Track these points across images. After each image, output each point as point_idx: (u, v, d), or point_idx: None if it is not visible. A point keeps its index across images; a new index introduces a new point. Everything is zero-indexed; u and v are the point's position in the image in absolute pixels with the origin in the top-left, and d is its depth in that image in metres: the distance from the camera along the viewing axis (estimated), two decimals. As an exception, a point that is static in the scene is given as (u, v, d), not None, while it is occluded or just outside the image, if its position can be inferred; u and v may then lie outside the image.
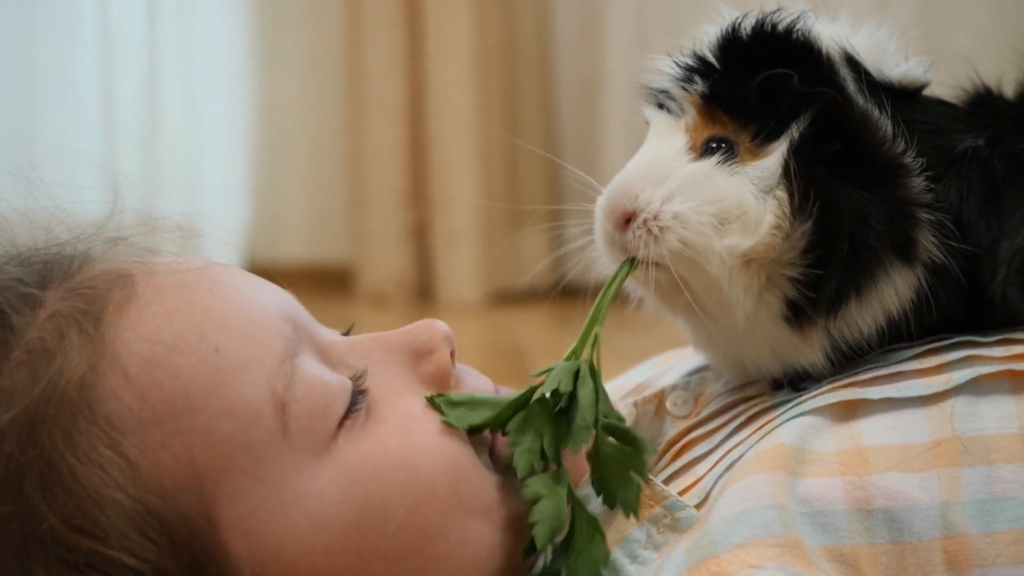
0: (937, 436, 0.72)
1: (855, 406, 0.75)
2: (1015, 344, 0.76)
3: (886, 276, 0.75)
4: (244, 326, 0.74)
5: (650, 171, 0.78)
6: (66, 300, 0.74)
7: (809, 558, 0.67)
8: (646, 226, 0.76)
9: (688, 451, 0.80)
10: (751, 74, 0.77)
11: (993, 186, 0.78)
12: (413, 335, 0.81)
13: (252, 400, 0.71)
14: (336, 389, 0.74)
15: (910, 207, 0.75)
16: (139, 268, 0.76)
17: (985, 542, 0.68)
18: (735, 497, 0.70)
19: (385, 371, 0.78)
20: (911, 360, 0.77)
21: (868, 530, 0.69)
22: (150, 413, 0.70)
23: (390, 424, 0.75)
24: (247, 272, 0.81)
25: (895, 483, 0.70)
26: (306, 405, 0.72)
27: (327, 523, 0.71)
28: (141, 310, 0.73)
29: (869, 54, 0.81)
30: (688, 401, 0.86)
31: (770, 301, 0.76)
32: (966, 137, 0.80)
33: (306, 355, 0.76)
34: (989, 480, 0.70)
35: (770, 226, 0.75)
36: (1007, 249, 0.77)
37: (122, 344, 0.71)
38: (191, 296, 0.74)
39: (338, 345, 0.80)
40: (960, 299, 0.78)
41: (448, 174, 3.55)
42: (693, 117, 0.80)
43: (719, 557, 0.67)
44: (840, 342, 0.77)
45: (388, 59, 3.58)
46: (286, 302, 0.79)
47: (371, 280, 3.64)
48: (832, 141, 0.76)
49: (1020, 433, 0.71)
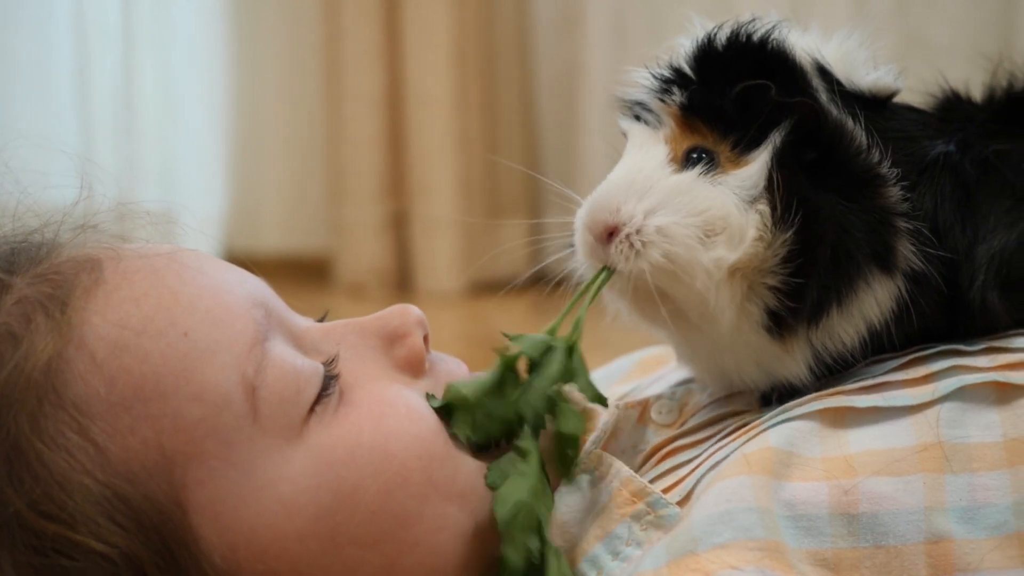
0: (923, 440, 0.72)
1: (842, 414, 0.75)
2: (1000, 353, 0.76)
3: (866, 286, 0.75)
4: (214, 310, 0.73)
5: (632, 183, 0.77)
6: (33, 286, 0.73)
7: (790, 563, 0.67)
8: (628, 240, 0.76)
9: (672, 457, 0.80)
10: (728, 84, 0.77)
11: (966, 191, 0.78)
12: (385, 320, 0.81)
13: (222, 384, 0.71)
14: (307, 374, 0.74)
15: (888, 216, 0.75)
16: (107, 254, 0.76)
17: (969, 547, 0.68)
18: (719, 496, 0.70)
19: (358, 356, 0.78)
20: (896, 371, 0.77)
21: (852, 534, 0.69)
22: (118, 398, 0.69)
23: (363, 409, 0.75)
24: (218, 258, 0.81)
25: (880, 487, 0.70)
26: (277, 389, 0.72)
27: (299, 508, 0.71)
28: (109, 295, 0.73)
29: (839, 64, 0.81)
30: (673, 410, 0.85)
31: (751, 311, 0.76)
32: (937, 143, 0.80)
33: (277, 340, 0.75)
34: (971, 487, 0.70)
35: (753, 238, 0.74)
36: (983, 254, 0.77)
37: (89, 328, 0.71)
38: (160, 281, 0.74)
39: (311, 331, 0.80)
40: (941, 306, 0.78)
41: (426, 164, 3.54)
42: (672, 128, 0.79)
43: (699, 555, 0.67)
44: (823, 353, 0.77)
45: (366, 49, 3.57)
46: (257, 287, 0.79)
47: (349, 270, 3.64)
48: (809, 150, 0.76)
49: (1003, 441, 0.71)
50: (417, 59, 3.53)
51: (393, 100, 3.60)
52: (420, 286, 3.55)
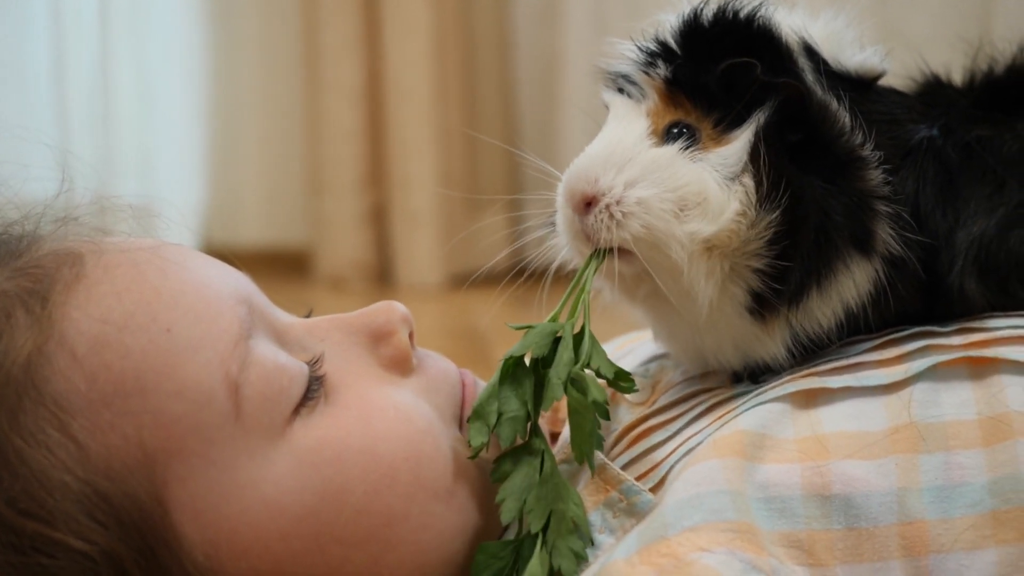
0: (895, 423, 0.72)
1: (815, 395, 0.75)
2: (973, 332, 0.76)
3: (845, 268, 0.75)
4: (197, 306, 0.73)
5: (612, 155, 0.77)
6: (12, 280, 0.72)
7: (762, 544, 0.67)
8: (608, 211, 0.76)
9: (645, 438, 0.80)
10: (713, 61, 0.77)
11: (948, 176, 0.79)
12: (371, 317, 0.80)
13: (204, 381, 0.70)
14: (292, 373, 0.73)
15: (868, 199, 0.75)
16: (88, 248, 0.75)
17: (942, 528, 0.68)
18: (689, 481, 0.70)
19: (343, 354, 0.78)
20: (870, 351, 0.77)
21: (825, 516, 0.69)
22: (99, 394, 0.69)
23: (350, 411, 0.74)
24: (201, 252, 0.80)
25: (853, 469, 0.70)
26: (260, 388, 0.72)
27: (283, 508, 0.71)
28: (90, 289, 0.72)
29: (826, 43, 0.81)
30: (645, 388, 0.86)
31: (734, 292, 0.76)
32: (921, 127, 0.80)
33: (261, 337, 0.75)
34: (946, 466, 0.70)
35: (735, 212, 0.74)
36: (963, 239, 0.77)
37: (70, 324, 0.70)
38: (142, 275, 0.73)
39: (295, 327, 0.79)
40: (918, 291, 0.78)
41: (406, 156, 3.53)
42: (655, 102, 0.79)
43: (670, 540, 0.67)
44: (800, 334, 0.77)
45: (345, 40, 3.55)
46: (241, 283, 0.78)
47: (329, 263, 3.62)
48: (792, 131, 0.76)
49: (978, 419, 0.71)
50: (396, 51, 3.52)
51: (372, 92, 3.59)
52: (400, 279, 3.54)
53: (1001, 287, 0.78)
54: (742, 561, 0.66)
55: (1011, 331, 0.76)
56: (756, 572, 0.66)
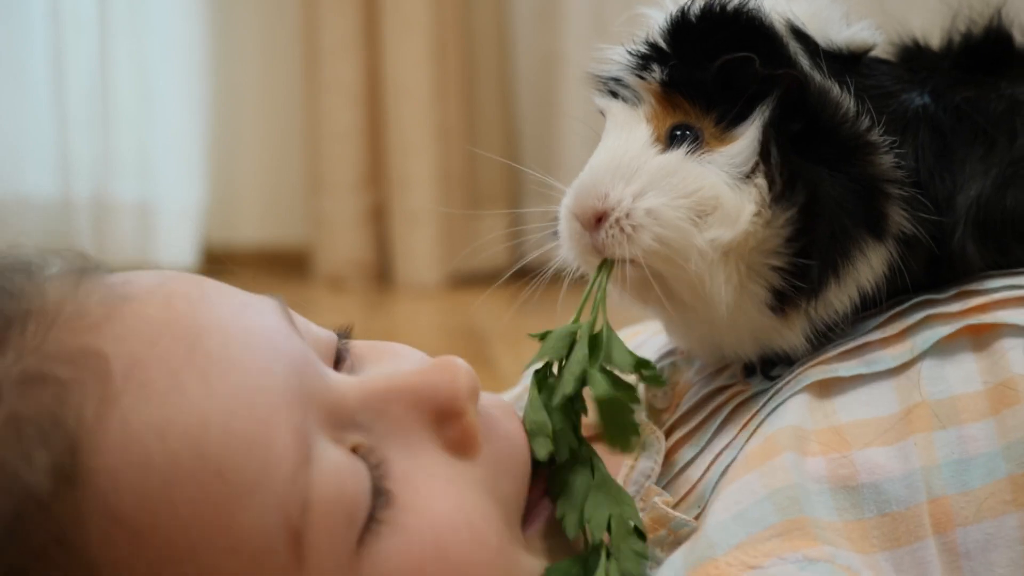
0: (907, 404, 0.72)
1: (828, 385, 0.74)
2: (971, 296, 0.76)
3: (861, 255, 0.75)
4: (249, 429, 0.61)
5: (618, 167, 0.75)
6: (25, 396, 0.59)
7: (813, 534, 0.66)
8: (619, 225, 0.74)
9: (676, 454, 0.79)
10: (706, 58, 0.76)
11: (943, 140, 0.78)
12: (435, 388, 0.68)
13: (261, 532, 0.60)
14: (353, 492, 0.63)
15: (879, 183, 0.74)
16: (111, 343, 0.61)
17: (964, 501, 0.68)
18: (729, 499, 0.69)
19: (406, 445, 0.67)
20: (875, 329, 0.77)
21: (855, 506, 0.68)
22: (146, 563, 0.59)
23: (423, 535, 0.64)
24: (236, 299, 0.67)
25: (875, 456, 0.70)
26: (324, 529, 0.61)
27: None
28: (126, 422, 0.59)
29: (812, 21, 0.80)
30: (667, 393, 0.84)
31: (755, 291, 0.75)
32: (913, 95, 0.79)
33: (318, 440, 0.63)
34: (960, 440, 0.70)
35: (751, 214, 0.73)
36: (962, 203, 0.77)
37: (108, 477, 0.58)
38: (183, 390, 0.60)
39: (347, 399, 0.66)
40: (928, 264, 0.78)
41: (405, 155, 3.53)
42: (652, 105, 0.78)
43: (717, 560, 0.65)
44: (818, 323, 0.77)
45: (344, 39, 3.55)
46: (289, 357, 0.65)
47: (328, 262, 3.62)
48: (794, 121, 0.75)
49: (984, 389, 0.71)
50: (395, 50, 3.52)
51: (371, 91, 3.59)
52: (399, 278, 3.54)
53: (999, 247, 0.78)
54: (794, 562, 0.65)
55: (1008, 292, 0.75)
56: (813, 564, 0.65)
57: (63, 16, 3.53)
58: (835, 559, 0.65)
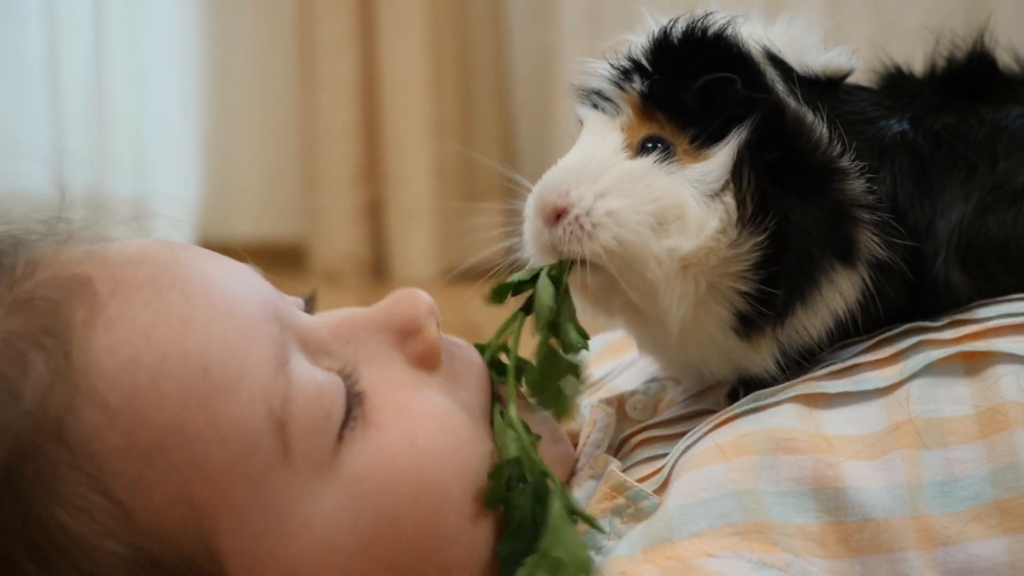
0: (895, 420, 0.72)
1: (814, 399, 0.74)
2: (964, 325, 0.76)
3: (829, 281, 0.75)
4: (230, 335, 0.66)
5: (584, 168, 0.76)
6: (16, 316, 0.65)
7: (772, 540, 0.67)
8: (578, 222, 0.74)
9: (648, 447, 0.79)
10: (685, 78, 0.77)
11: (922, 167, 0.78)
12: (396, 312, 0.75)
13: (248, 423, 0.65)
14: (331, 394, 0.68)
15: (848, 208, 0.75)
16: (95, 268, 0.67)
17: (947, 521, 0.68)
18: (694, 485, 0.70)
19: (373, 359, 0.73)
20: (864, 353, 0.77)
21: (838, 508, 0.69)
22: (139, 451, 0.63)
23: (394, 430, 0.69)
24: (212, 253, 0.73)
25: (861, 468, 0.70)
26: (305, 421, 0.66)
27: (338, 545, 0.67)
28: (111, 328, 0.64)
29: (788, 48, 0.80)
30: (648, 407, 0.85)
31: (718, 312, 0.75)
32: (892, 122, 0.80)
33: (294, 354, 0.69)
34: (946, 462, 0.70)
35: (714, 231, 0.73)
36: (943, 230, 0.77)
37: (98, 374, 0.63)
38: (165, 304, 0.66)
39: (318, 331, 0.73)
40: (907, 290, 0.78)
41: (401, 151, 3.53)
42: (629, 116, 0.78)
43: (676, 543, 0.66)
44: (789, 348, 0.77)
45: (340, 36, 3.55)
46: (264, 290, 0.72)
47: (324, 258, 3.62)
48: (770, 149, 0.75)
49: (975, 413, 0.71)
50: (391, 46, 3.52)
51: (367, 87, 3.59)
52: (395, 274, 3.54)
53: (984, 273, 0.78)
54: (749, 562, 0.65)
55: (1001, 320, 0.75)
56: (766, 569, 0.65)
57: (59, 11, 3.52)
58: (789, 567, 0.66)
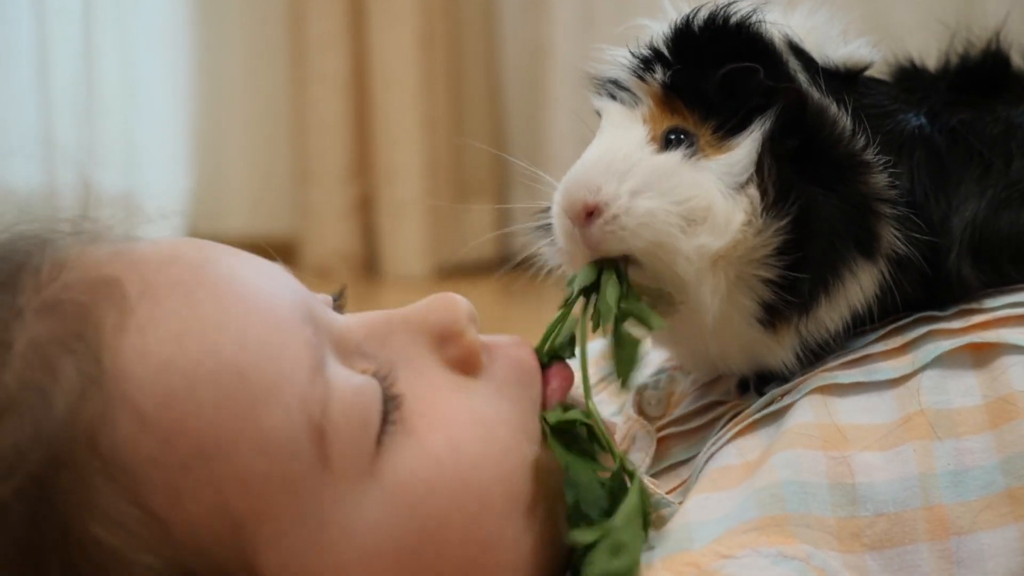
0: (907, 411, 0.72)
1: (828, 390, 0.74)
2: (972, 314, 0.76)
3: (851, 274, 0.75)
4: (265, 339, 0.64)
5: (611, 162, 0.74)
6: (44, 320, 0.62)
7: (790, 532, 0.66)
8: (617, 221, 0.73)
9: (667, 449, 0.79)
10: (707, 68, 0.76)
11: (939, 162, 0.78)
12: (436, 317, 0.72)
13: (287, 431, 0.63)
14: (368, 398, 0.66)
15: (871, 202, 0.74)
16: (124, 269, 0.65)
17: (960, 511, 0.68)
18: (715, 499, 0.70)
19: (412, 364, 0.70)
20: (875, 342, 0.77)
21: (851, 503, 0.69)
22: (176, 460, 0.61)
23: (436, 435, 0.67)
24: (241, 252, 0.71)
25: (873, 459, 0.70)
26: (344, 427, 0.64)
27: (380, 554, 0.65)
28: (144, 332, 0.62)
29: (810, 38, 0.80)
30: (662, 400, 0.84)
31: (744, 304, 0.75)
32: (909, 116, 0.79)
33: (330, 359, 0.66)
34: (957, 452, 0.70)
35: (740, 223, 0.73)
36: (957, 225, 0.77)
37: (131, 381, 0.61)
38: (197, 307, 0.64)
39: (352, 331, 0.70)
40: (922, 284, 0.78)
41: (393, 146, 3.52)
42: (650, 107, 0.77)
43: (694, 552, 0.66)
44: (808, 340, 0.76)
45: (330, 31, 3.54)
46: (296, 290, 0.69)
47: (315, 254, 3.62)
48: (791, 137, 0.74)
49: (984, 403, 0.71)
50: (382, 41, 3.51)
51: (358, 82, 3.58)
52: (387, 270, 3.54)
53: (995, 268, 0.78)
54: (767, 556, 0.65)
55: (1009, 310, 0.76)
56: (787, 561, 0.65)
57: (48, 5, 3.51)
58: (810, 559, 0.65)
